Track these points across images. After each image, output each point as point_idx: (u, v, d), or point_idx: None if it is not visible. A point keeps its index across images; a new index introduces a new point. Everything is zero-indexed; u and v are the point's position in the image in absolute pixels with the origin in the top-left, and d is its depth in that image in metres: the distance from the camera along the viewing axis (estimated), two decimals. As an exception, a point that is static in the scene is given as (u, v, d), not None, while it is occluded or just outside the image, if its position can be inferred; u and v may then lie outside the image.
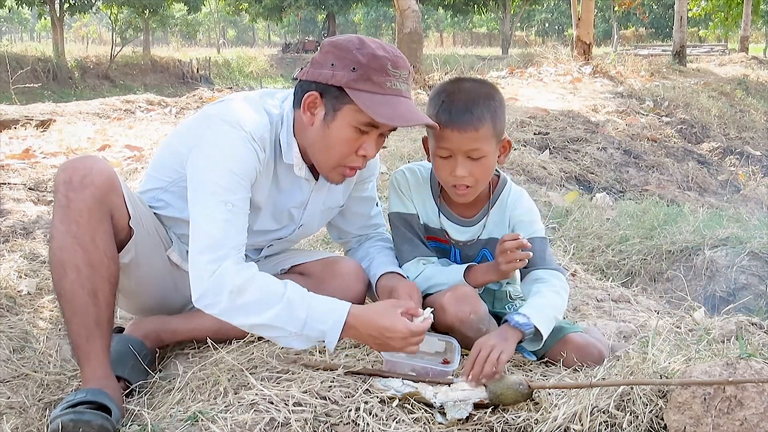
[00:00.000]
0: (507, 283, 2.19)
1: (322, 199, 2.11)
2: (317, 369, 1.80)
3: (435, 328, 2.03)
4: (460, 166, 1.91)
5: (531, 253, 1.93)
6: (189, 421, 1.61)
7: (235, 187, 1.83)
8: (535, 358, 1.99)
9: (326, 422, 1.57)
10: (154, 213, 2.06)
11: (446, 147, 1.91)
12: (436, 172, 2.02)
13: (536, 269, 2.02)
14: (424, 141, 2.06)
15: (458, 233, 2.10)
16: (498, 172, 2.09)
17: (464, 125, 1.88)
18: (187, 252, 2.12)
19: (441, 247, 2.15)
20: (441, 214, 2.10)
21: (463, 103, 1.89)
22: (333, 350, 1.84)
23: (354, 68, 1.78)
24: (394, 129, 1.91)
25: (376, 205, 2.29)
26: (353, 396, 1.66)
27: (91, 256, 1.81)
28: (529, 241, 1.97)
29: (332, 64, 1.81)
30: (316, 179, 2.04)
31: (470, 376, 1.73)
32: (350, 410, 1.60)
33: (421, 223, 2.13)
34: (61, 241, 1.81)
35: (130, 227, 1.91)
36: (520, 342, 1.87)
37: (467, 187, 1.95)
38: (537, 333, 1.87)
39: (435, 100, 1.95)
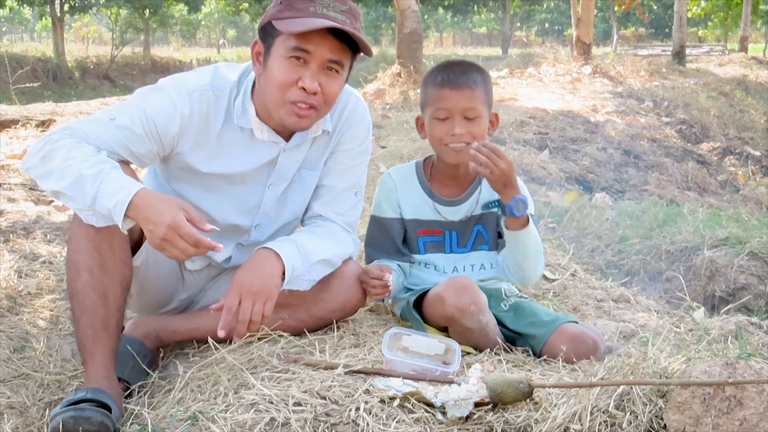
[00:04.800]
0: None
1: (296, 160, 2.06)
2: (317, 368, 1.80)
3: (433, 321, 2.04)
4: (457, 125, 2.04)
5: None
6: (189, 421, 1.61)
7: (132, 117, 1.86)
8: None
9: (326, 422, 1.57)
10: None
11: (444, 107, 2.05)
12: (432, 137, 2.11)
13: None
14: (418, 120, 2.18)
15: (452, 213, 2.17)
16: None
17: (461, 85, 2.04)
18: None
19: (435, 239, 2.18)
20: (433, 201, 2.16)
21: (459, 69, 2.08)
22: (124, 231, 1.76)
23: (281, 1, 1.84)
24: (337, 62, 1.88)
25: (355, 194, 2.16)
26: (353, 396, 1.66)
27: (106, 260, 1.83)
28: None
29: (267, 8, 1.90)
30: (287, 141, 2.02)
31: None
32: (350, 410, 1.60)
33: (411, 219, 2.15)
34: (77, 244, 1.83)
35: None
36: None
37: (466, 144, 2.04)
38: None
39: (431, 74, 2.12)
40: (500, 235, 2.18)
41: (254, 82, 1.97)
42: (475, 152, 1.98)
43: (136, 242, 1.95)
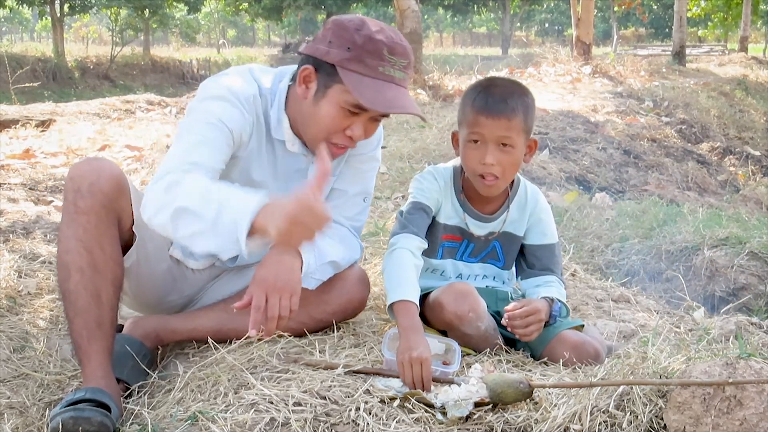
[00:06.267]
0: (503, 283, 2.21)
1: None
2: (317, 368, 1.80)
3: (433, 325, 2.03)
4: (489, 153, 1.96)
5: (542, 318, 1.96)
6: (189, 421, 1.61)
7: (212, 128, 1.85)
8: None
9: (326, 422, 1.57)
10: None
11: (478, 132, 1.97)
12: (464, 161, 2.05)
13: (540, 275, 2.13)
14: (453, 135, 2.11)
15: (479, 228, 2.14)
16: None
17: (498, 113, 1.95)
18: (190, 251, 2.13)
19: (452, 245, 2.17)
20: (464, 212, 2.13)
21: (500, 94, 1.98)
22: (245, 249, 1.65)
23: (349, 48, 1.80)
24: (386, 115, 1.91)
25: (363, 200, 2.19)
26: (353, 396, 1.66)
27: (96, 259, 1.82)
28: (544, 247, 2.15)
29: (330, 41, 1.83)
30: (314, 153, 2.02)
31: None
32: (350, 410, 1.60)
33: (441, 223, 2.14)
34: (67, 245, 1.83)
35: (134, 231, 1.92)
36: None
37: (495, 178, 1.99)
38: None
39: (471, 92, 2.03)
40: (525, 259, 2.19)
41: (287, 93, 1.97)
42: (510, 327, 1.94)
43: (126, 244, 1.94)
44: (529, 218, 2.15)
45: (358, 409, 1.60)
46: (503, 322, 1.96)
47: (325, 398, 1.64)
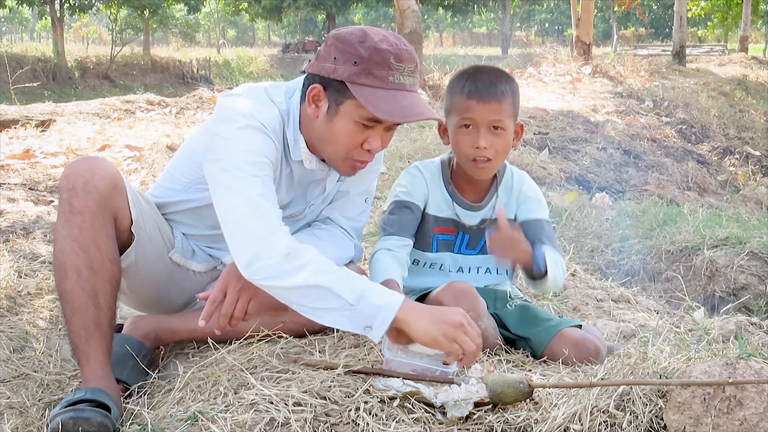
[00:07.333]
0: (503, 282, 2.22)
1: (335, 178, 2.11)
2: (317, 368, 1.80)
3: None
4: (482, 137, 2.00)
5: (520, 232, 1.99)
6: (189, 421, 1.61)
7: (261, 166, 1.85)
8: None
9: (326, 422, 1.57)
10: (167, 211, 2.09)
11: (470, 117, 2.01)
12: (456, 147, 2.07)
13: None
14: (440, 126, 2.13)
15: (470, 218, 2.16)
16: None
17: (489, 97, 1.99)
18: (193, 251, 2.13)
19: (447, 238, 2.19)
20: (454, 202, 2.15)
21: (488, 79, 2.02)
22: (379, 337, 1.72)
23: (356, 62, 1.78)
24: (401, 122, 1.91)
25: (365, 200, 2.21)
26: (353, 396, 1.66)
27: (92, 259, 1.81)
28: (532, 222, 2.14)
29: (335, 58, 1.81)
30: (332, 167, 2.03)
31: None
32: (350, 410, 1.60)
33: (431, 215, 2.16)
34: (62, 245, 1.82)
35: (132, 232, 1.91)
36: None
37: (487, 160, 2.02)
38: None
39: (458, 80, 2.06)
40: None
41: (300, 112, 1.96)
42: (491, 244, 1.95)
43: (123, 243, 1.94)
44: (517, 199, 2.18)
45: (358, 409, 1.60)
46: (487, 232, 1.98)
47: (325, 398, 1.64)
